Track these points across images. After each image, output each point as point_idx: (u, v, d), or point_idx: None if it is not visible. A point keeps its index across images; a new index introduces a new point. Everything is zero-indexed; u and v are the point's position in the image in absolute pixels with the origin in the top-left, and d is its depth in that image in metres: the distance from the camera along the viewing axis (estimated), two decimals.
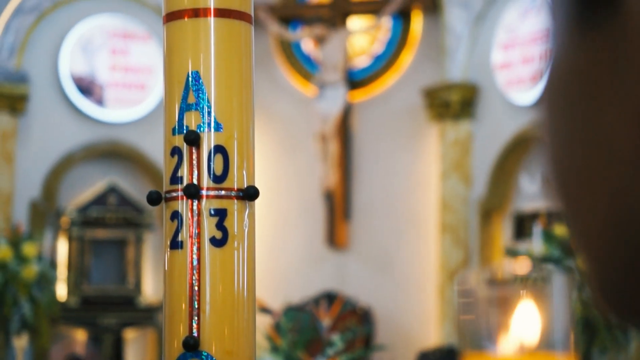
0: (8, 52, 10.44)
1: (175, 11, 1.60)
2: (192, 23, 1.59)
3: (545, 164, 0.59)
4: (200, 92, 1.58)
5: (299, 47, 11.13)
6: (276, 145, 10.85)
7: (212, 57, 1.59)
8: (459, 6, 10.37)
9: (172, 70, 1.61)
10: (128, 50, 10.90)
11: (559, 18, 0.58)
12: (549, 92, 0.59)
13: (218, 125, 1.58)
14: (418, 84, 10.59)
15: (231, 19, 1.60)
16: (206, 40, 1.59)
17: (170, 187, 1.57)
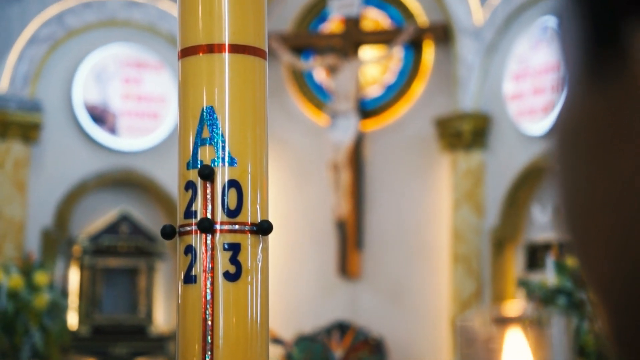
0: (22, 81, 10.49)
1: (190, 47, 1.62)
2: (206, 59, 1.61)
3: (558, 205, 0.59)
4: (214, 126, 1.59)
5: (311, 76, 11.16)
6: (288, 174, 10.86)
7: (227, 92, 1.60)
8: (471, 37, 10.40)
9: (187, 105, 1.62)
10: (141, 79, 10.95)
11: (572, 63, 0.59)
12: (561, 136, 0.59)
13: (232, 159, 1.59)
14: (430, 113, 10.60)
15: (245, 55, 1.62)
16: (221, 76, 1.60)
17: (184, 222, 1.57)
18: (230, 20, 1.61)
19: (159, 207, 10.88)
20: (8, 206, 10.23)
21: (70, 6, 10.78)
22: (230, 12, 1.61)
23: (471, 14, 10.48)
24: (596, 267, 0.56)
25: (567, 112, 0.58)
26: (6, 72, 10.47)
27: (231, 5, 1.60)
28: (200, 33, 1.61)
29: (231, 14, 1.61)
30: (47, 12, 10.78)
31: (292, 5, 11.09)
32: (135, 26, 10.93)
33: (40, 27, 10.63)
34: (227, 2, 1.60)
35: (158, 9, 10.94)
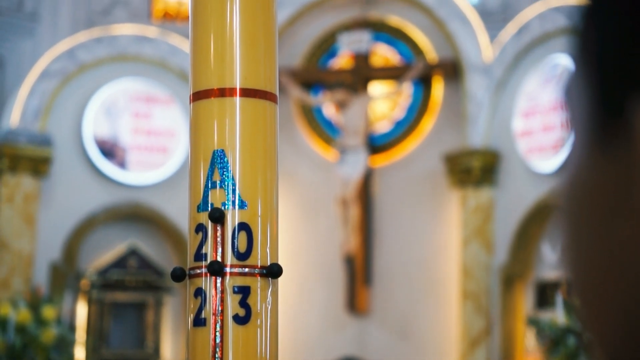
0: (33, 115, 10.54)
1: (202, 90, 1.63)
2: (218, 102, 1.62)
3: (563, 261, 0.61)
4: (225, 170, 1.59)
5: (320, 111, 11.19)
6: (297, 208, 10.86)
7: (238, 135, 1.60)
8: (480, 73, 10.42)
9: (198, 148, 1.63)
10: (151, 113, 10.98)
11: (579, 127, 0.60)
12: (567, 198, 0.60)
13: (243, 202, 1.59)
14: (439, 149, 10.61)
15: (256, 99, 1.63)
16: (232, 119, 1.61)
17: (194, 264, 1.58)
18: (241, 64, 1.62)
19: (167, 242, 10.87)
20: (17, 240, 10.23)
21: (82, 41, 10.83)
22: (242, 57, 1.62)
23: (481, 51, 10.51)
24: (596, 323, 0.58)
25: (573, 175, 0.60)
26: (17, 106, 10.52)
27: (243, 50, 1.61)
28: (212, 77, 1.62)
29: (243, 59, 1.62)
30: (59, 46, 10.84)
31: (302, 41, 11.14)
32: (145, 61, 10.98)
33: (51, 62, 10.68)
34: (239, 47, 1.61)
35: (169, 44, 11.00)
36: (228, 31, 1.63)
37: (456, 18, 10.63)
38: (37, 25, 11.86)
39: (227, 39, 1.63)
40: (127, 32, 11.04)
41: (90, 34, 10.95)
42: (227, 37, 1.63)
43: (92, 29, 11.23)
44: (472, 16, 10.67)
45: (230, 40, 1.63)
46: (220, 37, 1.63)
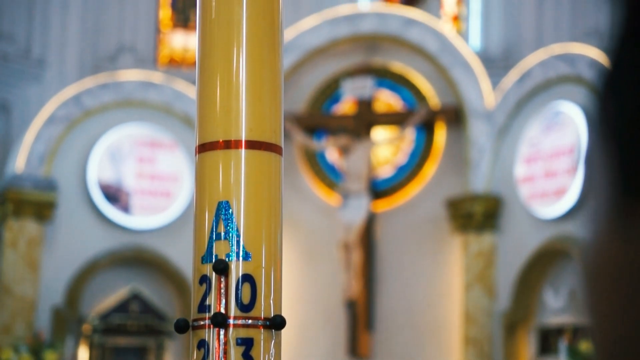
0: (38, 160, 10.57)
1: (207, 142, 1.63)
2: (223, 154, 1.62)
3: (591, 335, 0.60)
4: (229, 221, 1.60)
5: (323, 156, 11.21)
6: (299, 252, 10.85)
7: (242, 188, 1.61)
8: (482, 120, 10.46)
9: (203, 200, 1.63)
10: (155, 158, 11.01)
11: (599, 201, 0.60)
12: (588, 271, 0.60)
13: (247, 254, 1.60)
14: (441, 195, 10.62)
15: (261, 151, 1.63)
16: (237, 171, 1.61)
17: (197, 316, 1.58)
18: (247, 117, 1.62)
19: (169, 286, 10.85)
20: (20, 285, 10.22)
21: (88, 87, 10.89)
22: (247, 109, 1.62)
23: (483, 98, 10.55)
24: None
25: (593, 248, 0.60)
26: (22, 151, 10.55)
27: (249, 103, 1.62)
28: (218, 129, 1.62)
29: (248, 111, 1.62)
30: (65, 92, 10.89)
31: (306, 87, 11.19)
32: (150, 106, 11.02)
33: (57, 108, 10.72)
34: (245, 100, 1.62)
35: (174, 89, 11.05)
36: (234, 82, 1.63)
37: (459, 65, 10.68)
38: (44, 72, 11.94)
39: (233, 91, 1.63)
40: (132, 77, 11.10)
41: (96, 80, 11.00)
42: (233, 88, 1.63)
43: (98, 75, 11.30)
44: (474, 63, 10.72)
45: (237, 91, 1.63)
46: (227, 88, 1.64)
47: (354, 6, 11.87)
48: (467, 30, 12.64)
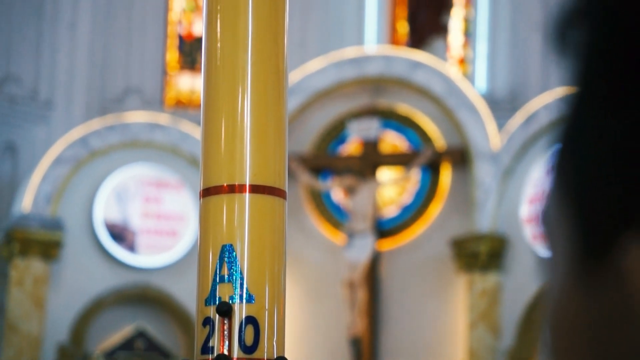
0: (45, 200, 10.61)
1: (212, 187, 1.65)
2: (228, 198, 1.64)
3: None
4: (233, 264, 1.62)
5: (329, 196, 11.23)
6: (304, 291, 10.84)
7: (246, 231, 1.63)
8: (488, 161, 10.49)
9: (207, 243, 1.65)
10: (161, 198, 11.05)
11: (558, 260, 0.59)
12: (551, 324, 0.60)
13: (250, 296, 1.61)
14: (446, 234, 10.62)
15: (265, 195, 1.65)
16: (241, 215, 1.63)
17: (201, 357, 1.59)
18: (251, 161, 1.64)
19: (174, 324, 10.85)
20: (26, 322, 10.23)
21: (95, 129, 10.94)
22: (252, 154, 1.64)
23: (489, 139, 10.58)
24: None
25: (556, 303, 0.59)
26: (29, 192, 10.59)
27: (253, 147, 1.64)
28: (222, 174, 1.64)
29: (253, 156, 1.64)
30: (72, 134, 10.95)
31: (312, 127, 11.23)
32: (157, 147, 11.06)
33: (64, 149, 10.77)
34: (249, 144, 1.63)
35: (180, 130, 11.10)
36: (239, 127, 1.64)
37: (465, 107, 10.73)
38: (51, 113, 12.01)
39: (238, 136, 1.64)
40: (139, 119, 11.15)
41: (103, 122, 11.06)
42: (238, 133, 1.64)
43: (105, 117, 11.36)
44: (480, 105, 10.77)
45: (241, 136, 1.64)
46: (231, 133, 1.64)
47: (360, 49, 11.94)
48: (473, 73, 12.69)
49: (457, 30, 13.00)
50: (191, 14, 13.23)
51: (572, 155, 0.58)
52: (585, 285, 0.57)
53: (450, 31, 12.83)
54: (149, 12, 12.81)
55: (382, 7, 13.03)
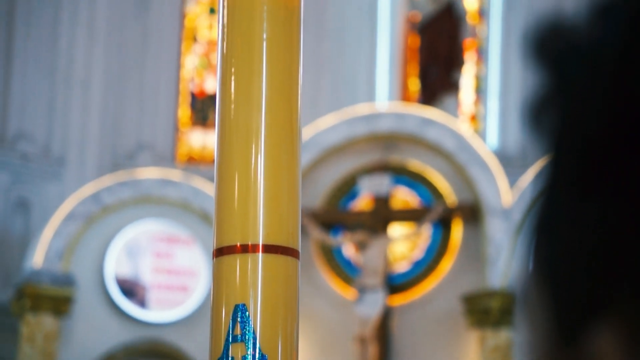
0: (56, 256, 10.62)
1: (225, 247, 1.65)
2: (241, 258, 1.64)
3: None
4: (246, 324, 1.61)
5: (340, 251, 11.21)
6: (315, 346, 10.78)
7: (259, 291, 1.63)
8: (500, 217, 10.47)
9: (220, 303, 1.65)
10: (172, 253, 11.06)
11: (538, 331, 0.59)
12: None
13: (263, 356, 1.61)
14: (458, 290, 10.58)
15: (278, 255, 1.65)
16: (254, 275, 1.63)
17: None
18: (265, 221, 1.64)
19: None
20: None
21: (107, 185, 10.97)
22: (265, 213, 1.64)
23: (500, 196, 10.58)
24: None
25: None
26: (41, 248, 10.61)
27: (266, 207, 1.64)
28: (235, 233, 1.64)
29: (266, 215, 1.64)
30: (84, 190, 10.98)
31: (323, 183, 11.25)
32: (168, 203, 11.09)
33: (76, 205, 10.80)
34: (263, 204, 1.64)
35: (191, 186, 11.13)
36: (252, 186, 1.64)
37: (476, 163, 10.74)
38: (63, 170, 12.08)
39: (251, 195, 1.64)
40: (151, 175, 11.19)
41: (115, 178, 11.10)
42: (251, 192, 1.64)
43: (117, 173, 11.41)
44: (491, 162, 10.78)
45: (254, 195, 1.64)
46: (244, 192, 1.65)
47: (371, 106, 12.00)
48: (484, 130, 12.73)
49: (469, 87, 13.06)
50: (203, 71, 13.33)
51: (545, 240, 0.59)
52: (564, 348, 0.57)
53: (461, 88, 12.89)
54: (162, 69, 12.91)
55: (393, 64, 13.11)
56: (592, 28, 0.58)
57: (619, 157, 0.55)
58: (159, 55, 12.89)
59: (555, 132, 0.58)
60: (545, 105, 0.59)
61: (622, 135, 0.55)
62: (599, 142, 0.56)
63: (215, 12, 13.44)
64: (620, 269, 0.55)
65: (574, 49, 0.58)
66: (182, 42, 13.21)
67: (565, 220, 0.57)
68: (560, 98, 0.58)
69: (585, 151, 0.56)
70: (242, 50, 1.66)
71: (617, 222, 0.55)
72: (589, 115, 0.57)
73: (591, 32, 0.58)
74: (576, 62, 0.58)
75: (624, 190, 0.55)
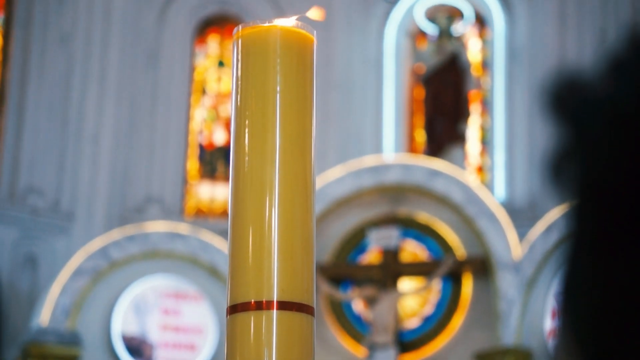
0: (63, 314, 10.56)
1: (239, 304, 1.63)
2: (255, 315, 1.61)
3: None
4: None
5: (349, 306, 11.15)
6: None
7: (274, 349, 1.60)
8: (510, 271, 10.40)
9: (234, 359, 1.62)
10: (180, 310, 10.99)
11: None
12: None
13: None
14: (470, 347, 10.48)
15: (293, 312, 1.63)
16: (268, 333, 1.61)
17: None
18: (279, 277, 1.62)
19: None
20: None
21: (115, 239, 10.95)
22: (279, 269, 1.62)
23: (510, 249, 10.52)
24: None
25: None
26: (48, 305, 10.56)
27: (281, 262, 1.62)
28: (249, 289, 1.62)
29: (280, 271, 1.62)
30: (92, 245, 10.96)
31: (332, 237, 11.22)
32: (176, 257, 11.05)
33: (84, 260, 10.77)
34: (277, 259, 1.62)
35: (200, 240, 11.10)
36: (266, 242, 1.63)
37: (484, 216, 10.70)
38: (71, 225, 12.08)
39: (265, 250, 1.64)
40: (159, 229, 11.17)
41: (124, 232, 11.08)
42: (265, 248, 1.63)
43: (125, 227, 11.39)
44: (500, 214, 10.74)
45: (269, 251, 1.64)
46: (259, 247, 1.64)
47: (378, 157, 12.00)
48: (492, 181, 12.71)
49: (475, 138, 13.08)
50: (212, 124, 13.39)
51: (570, 300, 0.61)
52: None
53: (467, 139, 12.90)
54: (171, 122, 12.97)
55: (399, 116, 13.15)
56: (608, 82, 0.58)
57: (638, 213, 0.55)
58: (168, 108, 12.95)
59: (576, 186, 0.59)
60: (565, 159, 0.60)
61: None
62: (619, 198, 0.56)
63: (224, 65, 13.53)
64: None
65: (591, 104, 0.58)
66: (192, 95, 13.29)
67: (586, 284, 0.58)
68: (580, 152, 0.59)
69: (607, 208, 0.57)
70: (256, 103, 1.65)
71: None
72: (610, 170, 0.57)
73: (607, 87, 0.58)
74: (594, 116, 0.58)
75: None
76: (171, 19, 13.13)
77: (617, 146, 0.56)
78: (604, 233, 0.57)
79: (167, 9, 13.13)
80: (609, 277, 0.56)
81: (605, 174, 0.57)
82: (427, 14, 13.18)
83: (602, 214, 0.57)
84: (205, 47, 13.57)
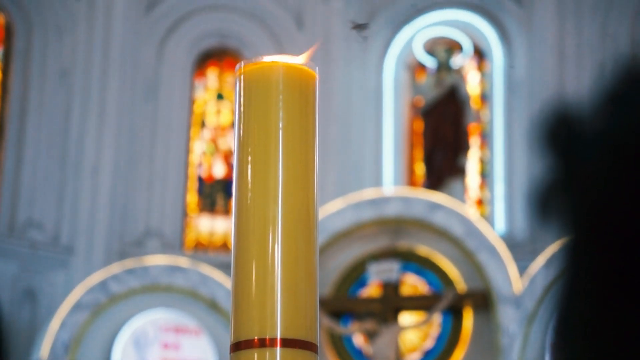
0: (62, 348, 10.52)
1: (242, 341, 1.61)
2: (258, 353, 1.60)
3: None
4: None
5: (350, 341, 11.10)
6: None
7: None
8: (511, 305, 10.37)
9: None
10: (179, 344, 10.95)
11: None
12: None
13: None
14: None
15: (297, 349, 1.62)
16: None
17: None
18: (282, 313, 1.61)
19: None
20: None
21: (114, 273, 10.93)
22: (283, 306, 1.61)
23: (511, 283, 10.50)
24: None
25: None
26: (47, 340, 10.52)
27: (284, 299, 1.61)
28: (253, 326, 1.61)
29: (284, 308, 1.61)
30: (92, 279, 10.94)
31: (332, 270, 11.20)
32: (176, 291, 11.03)
33: (84, 294, 10.75)
34: (280, 296, 1.61)
35: (200, 273, 11.08)
36: (269, 278, 1.63)
37: (485, 249, 10.69)
38: (71, 259, 12.06)
39: (269, 287, 1.63)
40: (159, 262, 11.16)
41: (123, 266, 11.07)
42: (269, 284, 1.63)
43: (125, 261, 11.37)
44: (500, 247, 10.73)
45: (272, 287, 1.63)
46: (262, 284, 1.63)
47: (378, 190, 12.00)
48: (492, 214, 12.70)
49: (474, 171, 13.08)
50: (211, 156, 13.40)
51: (564, 342, 0.60)
52: None
53: (467, 172, 12.91)
54: (170, 155, 12.97)
55: (399, 149, 13.16)
56: (606, 115, 0.57)
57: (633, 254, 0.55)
58: (167, 141, 12.97)
59: (567, 219, 0.59)
60: (553, 191, 0.60)
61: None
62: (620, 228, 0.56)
63: (223, 98, 13.56)
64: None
65: (585, 137, 0.58)
66: (191, 128, 13.31)
67: (579, 330, 0.58)
68: (571, 185, 0.59)
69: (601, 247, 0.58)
70: (259, 138, 1.65)
71: (635, 329, 0.55)
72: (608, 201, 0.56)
73: (604, 119, 0.57)
74: (589, 150, 0.58)
75: None
76: (170, 52, 13.17)
77: (615, 178, 0.56)
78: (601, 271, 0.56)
79: (166, 42, 13.18)
80: (606, 320, 0.56)
81: (603, 205, 0.56)
82: (426, 47, 13.22)
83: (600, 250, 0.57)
84: (204, 80, 13.61)
